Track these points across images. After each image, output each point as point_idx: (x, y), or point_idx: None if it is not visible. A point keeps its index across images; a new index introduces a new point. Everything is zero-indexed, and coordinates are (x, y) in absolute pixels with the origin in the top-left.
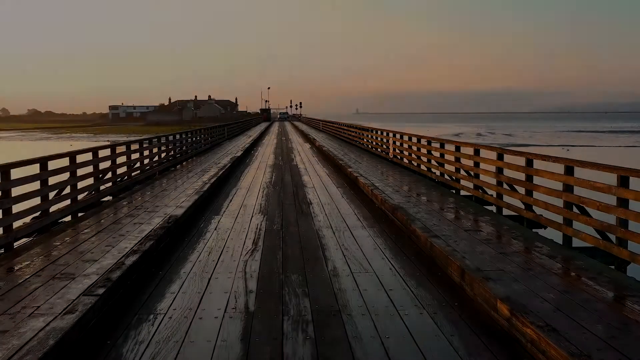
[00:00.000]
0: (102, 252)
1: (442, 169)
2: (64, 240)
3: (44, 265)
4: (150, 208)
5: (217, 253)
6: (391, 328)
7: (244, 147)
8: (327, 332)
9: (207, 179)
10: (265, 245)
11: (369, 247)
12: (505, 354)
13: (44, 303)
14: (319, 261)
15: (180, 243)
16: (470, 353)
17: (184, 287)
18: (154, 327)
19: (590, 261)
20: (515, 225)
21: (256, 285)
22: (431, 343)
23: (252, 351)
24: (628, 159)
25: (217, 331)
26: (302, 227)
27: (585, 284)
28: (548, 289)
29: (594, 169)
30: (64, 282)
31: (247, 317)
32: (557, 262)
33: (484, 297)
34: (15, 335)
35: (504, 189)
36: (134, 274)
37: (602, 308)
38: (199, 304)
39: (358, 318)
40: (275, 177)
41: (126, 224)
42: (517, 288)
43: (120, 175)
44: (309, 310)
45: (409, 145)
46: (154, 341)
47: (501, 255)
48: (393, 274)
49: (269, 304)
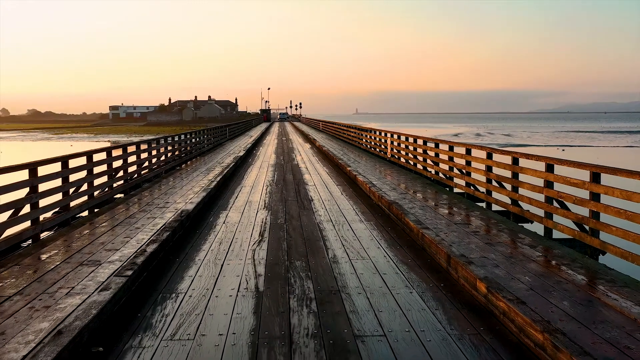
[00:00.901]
0: (122, 243)
1: (437, 168)
2: (85, 233)
3: (71, 254)
4: (161, 204)
5: (227, 243)
6: (384, 304)
7: (246, 147)
8: (328, 307)
9: (213, 177)
10: (270, 237)
11: (366, 238)
12: (480, 323)
13: (77, 284)
14: (320, 250)
15: (192, 235)
16: (451, 322)
17: (200, 272)
18: (177, 303)
19: (568, 250)
20: (503, 220)
21: (264, 270)
22: (418, 315)
23: (263, 322)
24: (620, 159)
25: (232, 306)
26: (304, 221)
27: (559, 269)
28: (525, 272)
29: (571, 166)
30: (92, 268)
31: (257, 295)
32: (536, 251)
33: (466, 278)
34: (57, 310)
35: (493, 185)
36: (154, 260)
37: (571, 288)
38: (215, 285)
39: (355, 296)
40: (278, 176)
41: (140, 218)
42: (497, 272)
43: (131, 174)
44: (312, 290)
45: (406, 146)
46: (178, 314)
47: (486, 245)
48: (387, 261)
49: (277, 285)
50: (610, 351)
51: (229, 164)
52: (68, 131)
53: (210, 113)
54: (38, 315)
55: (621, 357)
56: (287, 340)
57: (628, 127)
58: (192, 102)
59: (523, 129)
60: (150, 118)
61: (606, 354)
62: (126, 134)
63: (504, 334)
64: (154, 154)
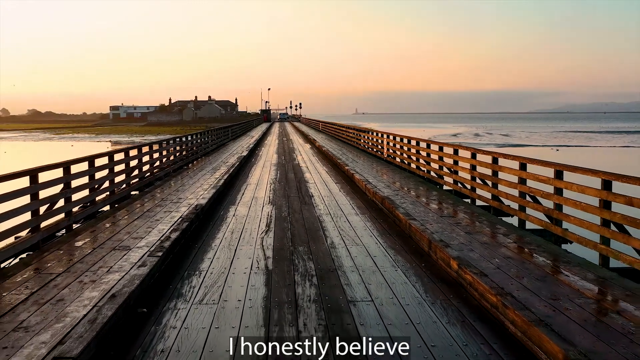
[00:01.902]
0: (146, 232)
1: (428, 167)
2: (110, 224)
3: (103, 241)
4: (174, 200)
5: (238, 232)
6: (373, 279)
7: (249, 147)
8: (326, 281)
9: (219, 176)
10: (276, 227)
11: (360, 228)
12: (451, 292)
13: (115, 264)
14: (320, 238)
15: (207, 226)
16: (427, 292)
17: (217, 255)
18: (201, 278)
19: (537, 238)
20: (484, 213)
21: (272, 254)
22: (400, 287)
23: (273, 292)
24: (611, 159)
25: (247, 280)
26: (305, 214)
27: (525, 253)
28: (495, 255)
29: (540, 165)
30: (124, 252)
31: (267, 272)
32: (509, 239)
33: (442, 259)
34: (102, 283)
35: (477, 183)
36: (177, 246)
37: (532, 268)
38: (231, 265)
39: (349, 273)
40: (280, 175)
41: (158, 212)
42: (471, 254)
43: (144, 173)
44: (313, 269)
45: (401, 146)
46: (203, 285)
47: (465, 233)
48: (378, 246)
49: (283, 265)
50: (549, 311)
51: (233, 164)
52: (69, 131)
53: (211, 113)
54: (87, 287)
55: (557, 314)
56: (294, 305)
57: (626, 127)
58: (192, 102)
59: (522, 129)
60: (150, 118)
61: (545, 311)
62: (127, 134)
63: (468, 299)
64: (165, 154)
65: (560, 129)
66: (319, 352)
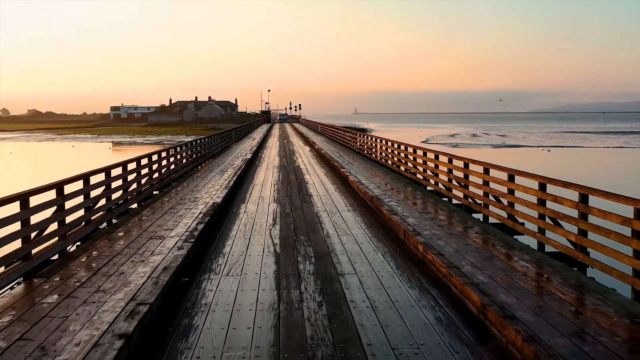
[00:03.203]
0: (174, 225)
1: (415, 170)
2: (142, 219)
3: (140, 232)
4: (192, 199)
5: (250, 225)
6: (358, 259)
7: (252, 150)
8: (322, 260)
9: (228, 177)
10: (281, 221)
11: (351, 222)
12: (416, 268)
13: (155, 249)
14: (317, 229)
15: (223, 220)
16: (398, 267)
17: (235, 242)
18: (225, 259)
19: (496, 231)
20: (457, 210)
21: (279, 241)
22: (378, 264)
23: (281, 268)
24: (594, 161)
25: (260, 260)
26: (305, 211)
27: (483, 241)
28: (457, 243)
29: (498, 169)
30: (159, 240)
31: (276, 254)
32: (473, 231)
33: (413, 244)
34: (150, 262)
35: (453, 184)
36: (203, 235)
37: (483, 251)
38: (247, 249)
39: (340, 255)
40: (282, 176)
41: (180, 209)
42: (437, 241)
43: (163, 175)
44: (312, 252)
45: (392, 150)
46: (227, 263)
47: (437, 226)
48: (364, 236)
49: (288, 250)
50: (484, 278)
51: (240, 166)
52: (71, 132)
53: (211, 113)
54: (139, 265)
55: (491, 281)
56: (297, 276)
57: (623, 127)
58: (193, 102)
59: (519, 130)
60: (151, 118)
61: (481, 279)
62: (129, 135)
63: (428, 272)
64: (179, 158)
65: (558, 130)
66: (315, 304)
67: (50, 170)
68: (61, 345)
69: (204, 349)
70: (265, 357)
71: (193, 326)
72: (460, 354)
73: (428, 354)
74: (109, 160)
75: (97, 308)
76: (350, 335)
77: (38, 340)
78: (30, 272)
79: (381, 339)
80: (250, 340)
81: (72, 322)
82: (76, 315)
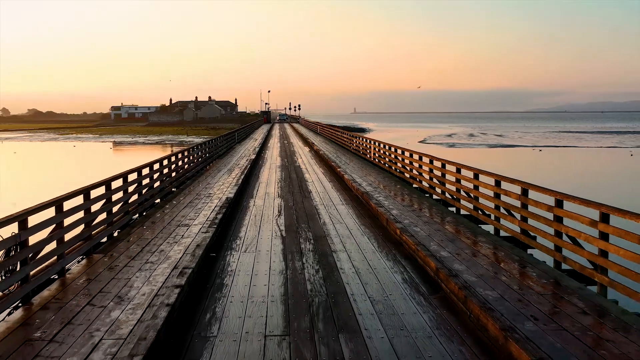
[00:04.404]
0: (196, 215)
1: (402, 169)
2: (167, 211)
3: (168, 221)
4: (206, 195)
5: (259, 216)
6: (348, 241)
7: (255, 151)
8: (319, 242)
9: (236, 176)
10: (285, 213)
11: (345, 213)
12: (394, 247)
13: (185, 233)
14: (316, 219)
15: (236, 212)
16: (380, 247)
17: (248, 228)
18: (242, 240)
19: (465, 220)
20: (436, 204)
21: (284, 228)
22: (364, 244)
23: (287, 247)
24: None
25: (270, 241)
26: (305, 205)
27: (451, 227)
28: (430, 229)
29: (466, 169)
30: (186, 227)
31: (282, 237)
32: (446, 221)
33: (393, 229)
34: (182, 243)
35: (434, 182)
36: (223, 222)
37: (449, 234)
38: (258, 234)
39: (333, 237)
40: (284, 175)
41: (198, 203)
42: (414, 228)
43: (180, 174)
44: (311, 236)
45: (384, 151)
46: (244, 244)
47: (416, 216)
48: (355, 224)
49: (292, 234)
50: (445, 254)
51: (246, 166)
52: (73, 132)
53: (211, 113)
54: (174, 245)
55: (450, 255)
56: (299, 252)
57: (619, 127)
58: (193, 102)
59: (516, 129)
60: (151, 118)
61: (442, 254)
62: (130, 135)
63: (402, 250)
64: (191, 159)
65: (554, 129)
66: (313, 270)
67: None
68: (131, 295)
69: (234, 297)
70: (279, 302)
71: (224, 284)
72: (416, 300)
73: (393, 299)
74: (113, 160)
75: (150, 273)
76: (339, 290)
77: (114, 292)
78: (91, 250)
79: (361, 291)
80: (266, 293)
81: (134, 282)
82: (136, 278)
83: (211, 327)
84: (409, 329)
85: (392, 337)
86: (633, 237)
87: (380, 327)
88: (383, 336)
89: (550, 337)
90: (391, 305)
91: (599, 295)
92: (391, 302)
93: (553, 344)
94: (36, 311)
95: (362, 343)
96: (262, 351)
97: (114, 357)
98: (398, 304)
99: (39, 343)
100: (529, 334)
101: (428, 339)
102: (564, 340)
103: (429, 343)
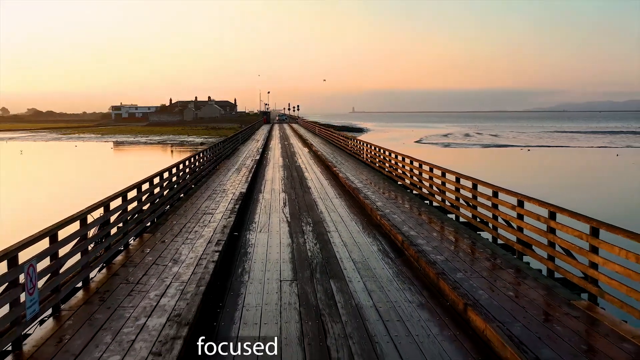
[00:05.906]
0: (216, 206)
1: (390, 169)
2: (191, 203)
3: (195, 210)
4: (222, 190)
5: (268, 207)
6: (340, 225)
7: (258, 152)
8: (317, 225)
9: (245, 174)
10: (289, 204)
11: (338, 204)
12: (376, 231)
13: (210, 219)
14: (314, 209)
15: (249, 204)
16: (364, 229)
17: (260, 216)
18: (256, 224)
19: (436, 211)
20: (418, 199)
21: (289, 216)
22: (352, 226)
23: (292, 228)
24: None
25: (279, 225)
26: (306, 198)
27: (425, 216)
28: (405, 216)
29: (437, 169)
30: (210, 215)
31: (287, 222)
32: (420, 211)
33: (375, 216)
34: (209, 226)
35: (414, 180)
36: (240, 210)
37: (422, 221)
38: (269, 219)
39: (328, 222)
40: (287, 174)
41: (216, 197)
42: (394, 216)
43: (197, 172)
44: (310, 221)
45: (375, 153)
46: (258, 226)
47: (396, 207)
48: (346, 212)
49: (295, 220)
50: (412, 232)
51: (252, 165)
52: (74, 131)
53: (211, 113)
54: (204, 227)
55: (416, 234)
56: (302, 232)
57: (614, 127)
58: (193, 102)
59: (512, 129)
60: (152, 118)
61: (412, 233)
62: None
63: (380, 230)
64: (205, 159)
65: (550, 129)
66: (312, 243)
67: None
68: (182, 259)
69: (256, 260)
70: (288, 263)
71: (248, 252)
72: (385, 261)
73: (369, 261)
74: (118, 160)
75: (191, 246)
76: (330, 255)
77: (169, 257)
78: (142, 230)
79: (347, 256)
80: (279, 258)
81: (182, 251)
82: (182, 248)
83: (243, 275)
84: (377, 277)
85: (365, 281)
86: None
87: (358, 276)
88: (359, 280)
89: (471, 281)
90: (367, 264)
91: (517, 259)
92: (367, 262)
93: (472, 285)
94: (118, 268)
95: (345, 284)
96: (280, 288)
97: (182, 291)
98: (372, 264)
99: (130, 285)
100: (457, 279)
101: (389, 282)
102: (479, 283)
103: (389, 284)
